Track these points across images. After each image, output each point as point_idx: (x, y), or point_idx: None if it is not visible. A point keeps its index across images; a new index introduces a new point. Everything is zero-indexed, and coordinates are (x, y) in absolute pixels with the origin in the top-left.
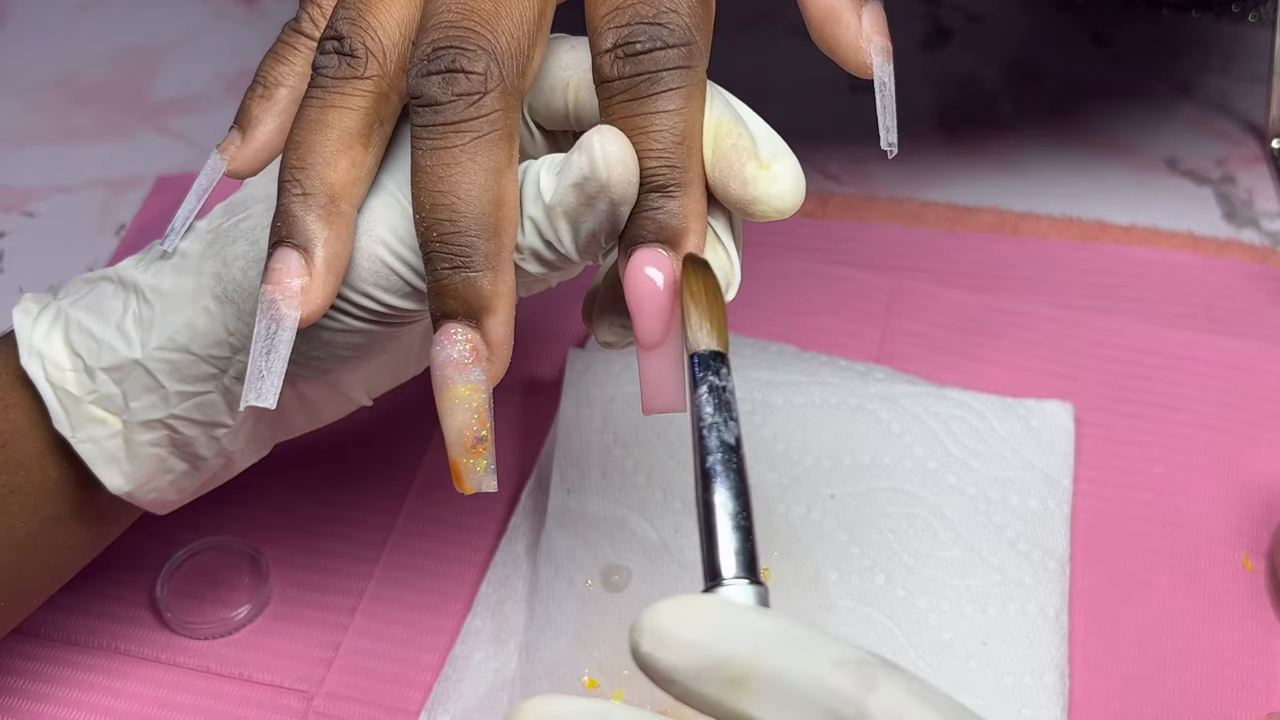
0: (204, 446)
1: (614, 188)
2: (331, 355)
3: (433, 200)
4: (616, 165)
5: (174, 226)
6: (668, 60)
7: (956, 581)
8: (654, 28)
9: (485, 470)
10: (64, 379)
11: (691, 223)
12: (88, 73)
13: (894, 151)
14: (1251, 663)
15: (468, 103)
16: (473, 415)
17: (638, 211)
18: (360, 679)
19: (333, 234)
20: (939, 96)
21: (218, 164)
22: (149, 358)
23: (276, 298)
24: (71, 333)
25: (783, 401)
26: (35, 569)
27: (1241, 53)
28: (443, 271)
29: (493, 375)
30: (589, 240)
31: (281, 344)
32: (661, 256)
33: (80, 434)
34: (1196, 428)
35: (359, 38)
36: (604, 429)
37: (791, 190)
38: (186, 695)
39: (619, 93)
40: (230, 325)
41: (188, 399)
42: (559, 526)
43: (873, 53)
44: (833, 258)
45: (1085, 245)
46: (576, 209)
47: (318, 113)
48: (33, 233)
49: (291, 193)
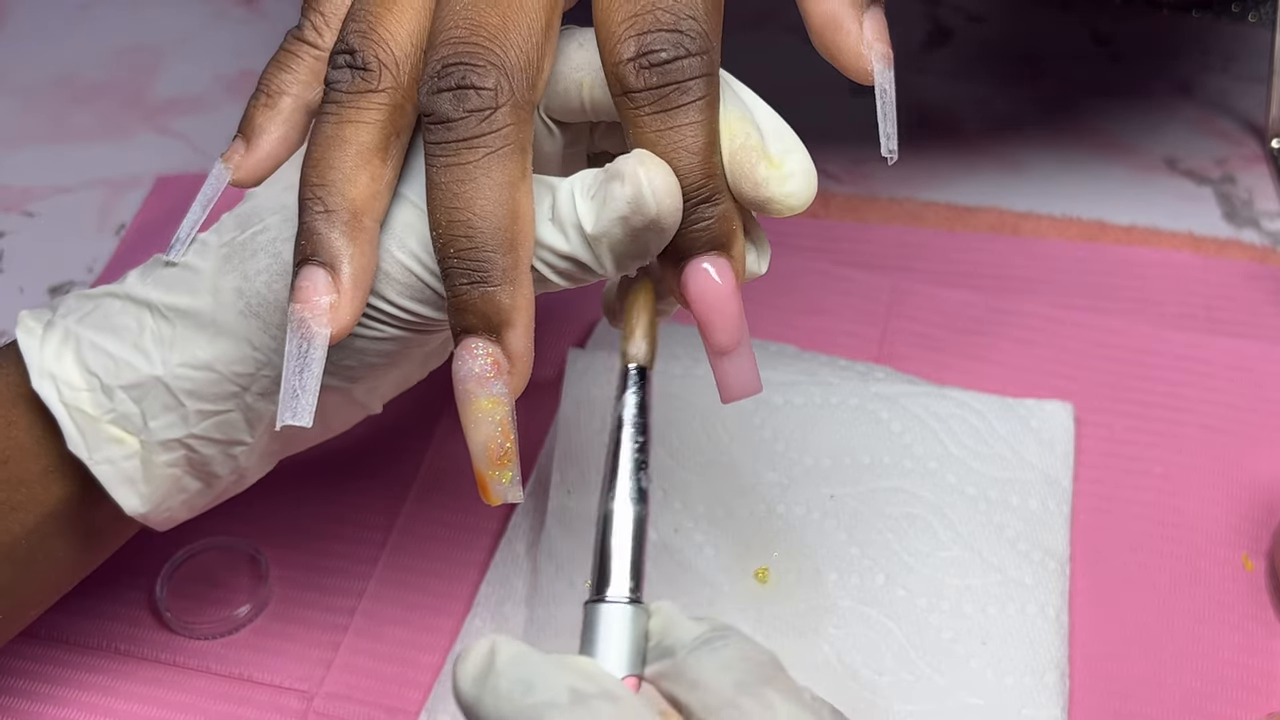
0: (220, 465)
1: (664, 219)
2: (363, 363)
3: (449, 217)
4: (665, 198)
5: (179, 237)
6: (692, 69)
7: (957, 581)
8: (675, 35)
9: (511, 481)
10: (79, 399)
11: (734, 223)
12: (88, 73)
13: (894, 159)
14: (1251, 663)
15: (479, 118)
16: (496, 428)
17: (687, 226)
18: (360, 679)
19: (357, 250)
20: (939, 96)
21: (222, 173)
22: (171, 375)
23: (306, 316)
24: (84, 352)
25: (782, 401)
26: (33, 582)
27: (1241, 53)
28: (461, 287)
29: (514, 388)
30: (631, 263)
31: (314, 362)
32: (723, 263)
33: (97, 455)
34: (1196, 428)
35: (371, 50)
36: (604, 429)
37: (803, 189)
38: (186, 695)
39: (646, 104)
40: (255, 340)
41: (208, 418)
42: (559, 527)
43: (874, 60)
44: (833, 258)
45: (1085, 245)
46: (623, 241)
47: (334, 128)
48: (33, 233)
49: (314, 210)
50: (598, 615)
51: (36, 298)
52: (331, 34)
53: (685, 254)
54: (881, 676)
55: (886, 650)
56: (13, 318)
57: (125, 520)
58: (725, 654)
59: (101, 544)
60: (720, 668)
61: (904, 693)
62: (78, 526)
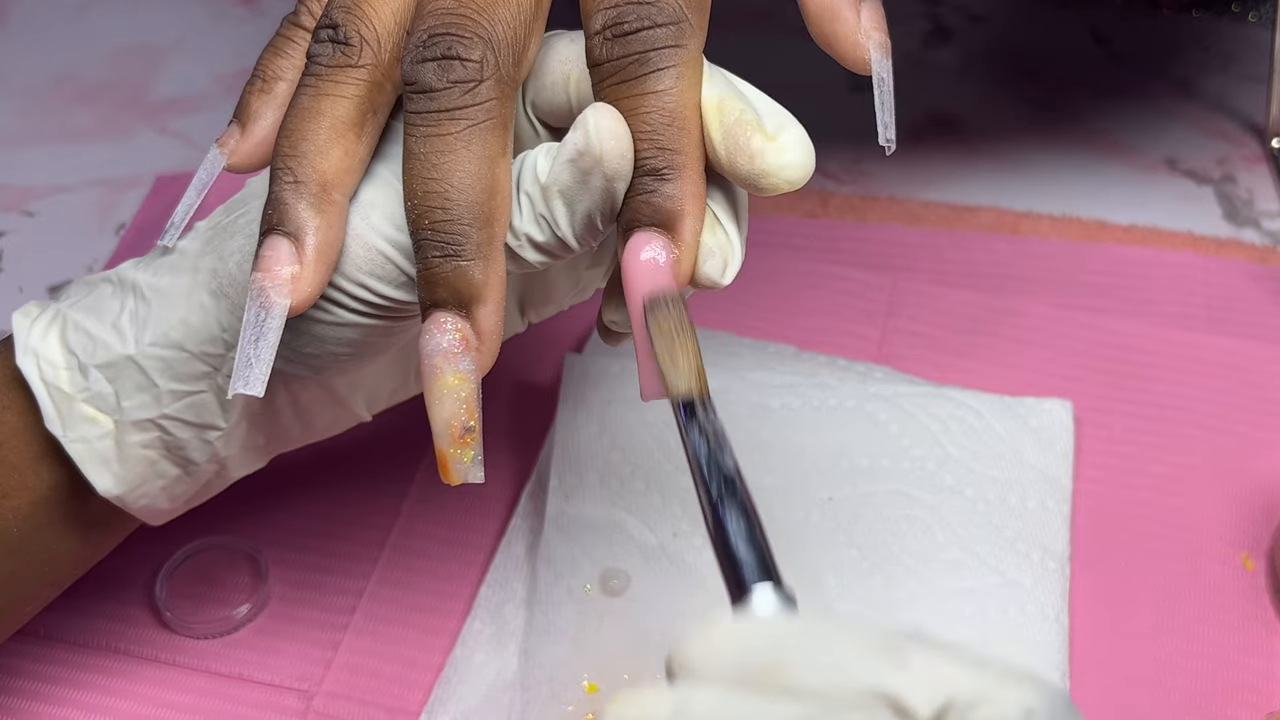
0: (196, 450)
1: (607, 162)
2: (325, 352)
3: (425, 188)
4: (609, 139)
5: (173, 222)
6: (656, 40)
7: (956, 583)
8: (642, 7)
9: (473, 461)
10: (58, 377)
11: (688, 205)
12: (88, 73)
13: (892, 148)
14: (1251, 663)
15: (463, 90)
16: (461, 405)
17: (632, 195)
18: (360, 679)
19: (324, 222)
20: (939, 96)
21: (217, 159)
22: (142, 354)
23: (266, 285)
24: (68, 331)
25: (779, 405)
26: (29, 575)
27: (1241, 52)
28: (434, 260)
29: (482, 365)
30: (585, 222)
31: (270, 331)
32: (656, 241)
33: (71, 433)
34: (1196, 428)
35: (354, 26)
36: (601, 433)
37: (801, 160)
38: (186, 695)
39: (608, 75)
40: (224, 321)
41: (180, 398)
42: (557, 531)
43: (871, 49)
44: (833, 257)
45: (1085, 245)
46: (572, 187)
47: (311, 101)
48: (33, 232)
49: (283, 180)
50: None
51: (36, 298)
52: None
53: (628, 225)
54: None
55: None
56: (12, 318)
57: (117, 513)
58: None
59: (99, 538)
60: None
61: None
62: (72, 517)
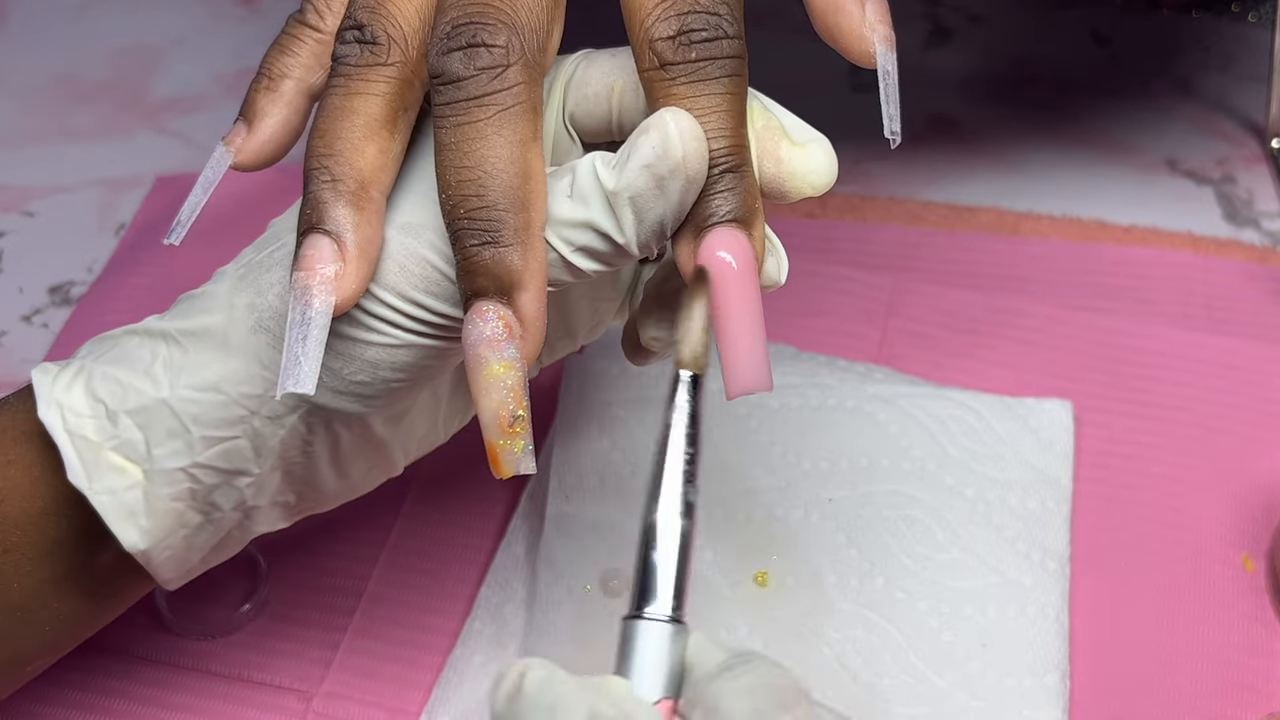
0: (223, 496)
1: (690, 164)
2: (377, 378)
3: (459, 176)
4: (692, 141)
5: (180, 220)
6: (727, 49)
7: (956, 583)
8: (713, 18)
9: (523, 451)
10: (83, 426)
11: (759, 203)
12: (87, 73)
13: (897, 140)
14: (1251, 663)
15: (490, 75)
16: (508, 394)
17: (709, 193)
18: (360, 679)
19: (364, 219)
20: (939, 96)
21: (223, 156)
22: (176, 398)
23: (310, 283)
24: (94, 381)
25: (779, 405)
26: (30, 634)
27: (1241, 53)
28: (471, 248)
29: (527, 353)
30: (654, 229)
31: (317, 328)
32: (744, 239)
33: (97, 485)
34: (1196, 428)
35: (380, 25)
36: (601, 435)
37: (826, 166)
38: (186, 695)
39: (682, 75)
40: (264, 357)
41: (213, 445)
42: (558, 533)
43: (876, 41)
44: (832, 257)
45: (1085, 245)
46: (645, 193)
47: (342, 100)
48: (32, 233)
49: (320, 180)
50: (636, 632)
51: (36, 298)
52: (333, 17)
53: (705, 222)
54: (881, 679)
55: (886, 653)
56: (13, 318)
57: (125, 573)
58: (745, 680)
59: (101, 599)
60: (739, 694)
61: (904, 695)
62: (75, 575)
